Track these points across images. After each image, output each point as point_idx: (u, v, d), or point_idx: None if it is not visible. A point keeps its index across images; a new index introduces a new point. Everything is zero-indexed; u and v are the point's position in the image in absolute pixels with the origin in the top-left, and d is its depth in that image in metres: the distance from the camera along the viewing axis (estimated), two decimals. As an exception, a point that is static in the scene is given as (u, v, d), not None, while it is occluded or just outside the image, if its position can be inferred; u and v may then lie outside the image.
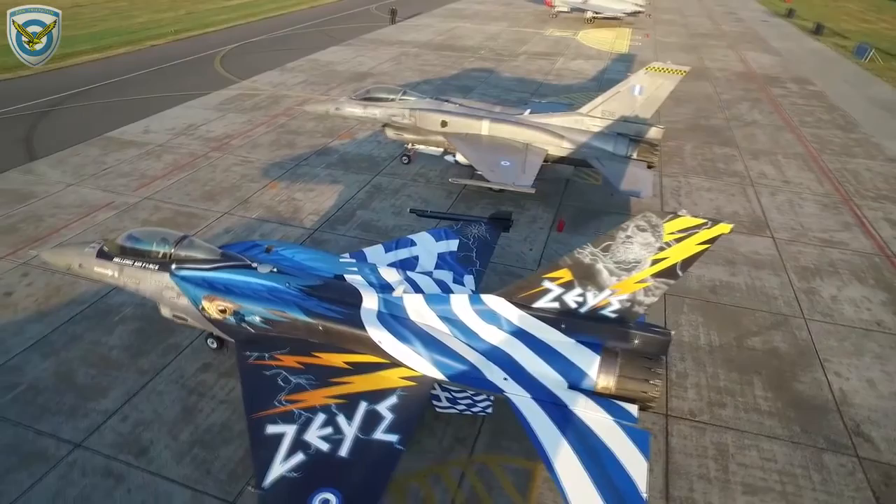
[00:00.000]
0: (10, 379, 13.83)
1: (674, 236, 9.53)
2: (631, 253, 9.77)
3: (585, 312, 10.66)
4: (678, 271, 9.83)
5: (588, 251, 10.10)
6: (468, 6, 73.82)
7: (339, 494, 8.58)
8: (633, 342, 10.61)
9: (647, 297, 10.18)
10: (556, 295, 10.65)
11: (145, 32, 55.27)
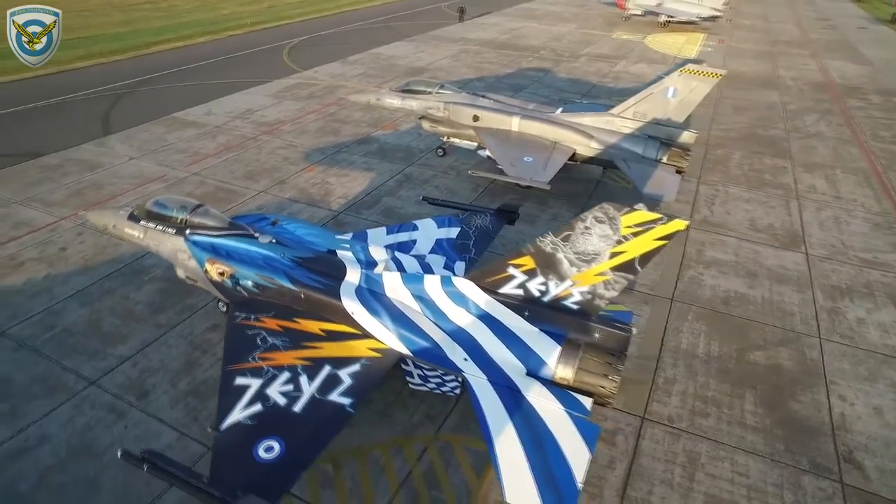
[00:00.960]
0: (50, 321, 15.56)
1: (631, 230, 9.46)
2: (590, 244, 9.79)
3: (548, 302, 10.75)
4: (637, 266, 9.75)
5: (549, 240, 10.20)
6: (540, 7, 73.34)
7: (283, 443, 9.23)
8: (594, 335, 10.60)
9: (607, 291, 10.15)
10: (520, 282, 10.82)
11: (226, 23, 58.96)
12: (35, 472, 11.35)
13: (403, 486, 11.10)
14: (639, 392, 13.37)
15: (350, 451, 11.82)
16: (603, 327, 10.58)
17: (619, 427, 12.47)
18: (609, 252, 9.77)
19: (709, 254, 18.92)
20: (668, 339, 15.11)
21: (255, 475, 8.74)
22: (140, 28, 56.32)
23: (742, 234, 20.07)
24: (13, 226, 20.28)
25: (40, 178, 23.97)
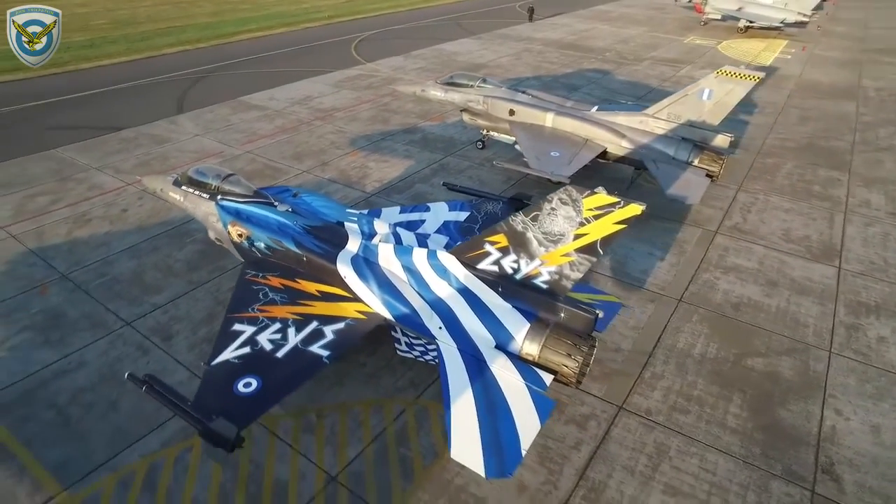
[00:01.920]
0: (103, 270, 17.64)
1: (592, 213, 9.82)
2: (556, 225, 10.22)
3: (520, 280, 11.23)
4: (598, 249, 10.09)
5: (520, 219, 10.70)
6: (615, 9, 72.01)
7: (261, 380, 10.33)
8: (560, 315, 10.98)
9: (572, 272, 10.53)
10: (495, 259, 11.38)
11: (305, 16, 62.17)
12: (71, 390, 13.14)
13: (376, 441, 11.95)
14: (623, 383, 13.51)
15: (335, 405, 12.82)
16: (569, 308, 10.95)
17: (595, 413, 12.71)
18: (573, 233, 10.16)
19: (731, 260, 18.48)
20: (665, 337, 15.06)
21: (231, 404, 9.86)
22: (226, 19, 60.48)
23: (772, 244, 19.41)
24: (88, 188, 22.90)
25: (117, 148, 26.77)
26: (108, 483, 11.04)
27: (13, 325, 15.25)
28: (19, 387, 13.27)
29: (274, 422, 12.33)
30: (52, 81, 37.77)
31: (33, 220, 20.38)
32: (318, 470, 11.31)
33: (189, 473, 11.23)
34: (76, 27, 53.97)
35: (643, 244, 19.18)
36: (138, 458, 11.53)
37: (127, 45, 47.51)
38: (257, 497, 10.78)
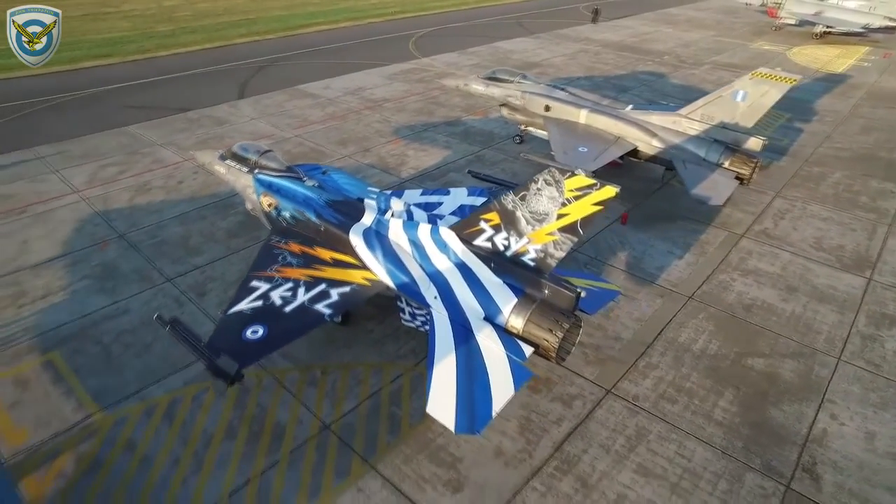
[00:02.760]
0: (156, 232, 19.57)
1: (573, 194, 10.35)
2: (541, 205, 10.81)
3: (510, 256, 11.88)
4: (579, 229, 10.61)
5: (510, 198, 11.35)
6: (684, 13, 70.07)
7: (266, 329, 11.50)
8: (544, 292, 11.54)
9: (556, 251, 11.09)
10: (488, 236, 12.08)
11: (371, 11, 64.24)
12: (115, 331, 14.89)
13: (371, 398, 12.93)
14: (616, 369, 13.87)
15: (339, 364, 13.91)
16: (553, 285, 11.49)
17: (582, 393, 13.17)
18: (556, 213, 10.71)
19: (752, 263, 18.26)
20: (667, 330, 15.23)
21: (237, 347, 11.07)
22: (297, 13, 63.41)
23: (800, 250, 18.97)
24: (152, 161, 25.21)
25: (181, 127, 29.16)
26: (135, 410, 12.57)
27: (76, 274, 17.30)
28: (75, 324, 15.15)
29: (283, 374, 13.56)
30: (135, 67, 41.23)
31: (102, 187, 22.74)
32: (314, 418, 12.41)
33: (203, 409, 12.60)
34: (162, 19, 58.30)
35: (664, 242, 19.25)
36: (162, 393, 13.02)
37: (203, 34, 50.96)
38: (258, 434, 11.99)
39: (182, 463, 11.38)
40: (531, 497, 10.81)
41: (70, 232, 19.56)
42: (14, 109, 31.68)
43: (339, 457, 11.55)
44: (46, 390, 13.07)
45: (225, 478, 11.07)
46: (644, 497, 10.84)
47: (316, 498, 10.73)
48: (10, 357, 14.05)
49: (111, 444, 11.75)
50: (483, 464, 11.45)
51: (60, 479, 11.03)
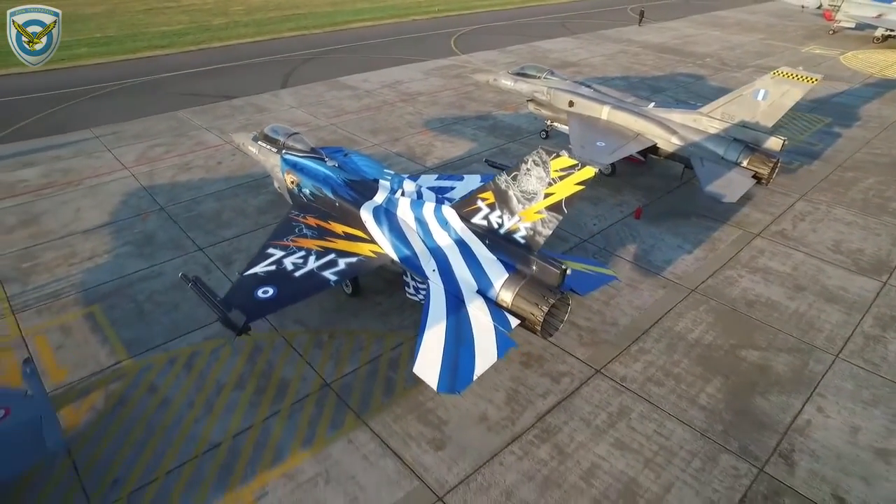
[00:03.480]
0: (192, 207, 21.13)
1: (558, 174, 10.96)
2: (530, 184, 11.46)
3: (504, 234, 12.57)
4: (563, 208, 11.20)
5: (504, 179, 12.04)
6: (734, 15, 68.35)
7: (276, 290, 12.60)
8: (533, 268, 12.18)
9: (544, 228, 11.72)
10: (484, 214, 12.81)
11: (417, 9, 65.55)
12: (148, 291, 16.36)
13: (371, 363, 13.85)
14: (608, 352, 14.34)
15: (346, 330, 14.91)
16: (541, 262, 12.11)
17: (571, 372, 13.71)
18: (543, 193, 11.34)
19: (762, 261, 18.26)
20: (665, 319, 15.55)
21: (248, 303, 12.20)
22: (344, 9, 65.38)
23: (815, 252, 18.82)
24: (196, 143, 27.00)
25: (225, 113, 30.97)
26: (159, 359, 13.91)
27: (119, 240, 18.97)
28: (115, 283, 16.72)
29: (293, 336, 14.66)
30: (189, 57, 43.72)
31: (149, 165, 24.60)
32: (317, 376, 13.43)
33: (218, 362, 13.82)
34: (217, 13, 61.24)
35: (675, 237, 19.45)
36: (185, 346, 14.33)
37: (254, 28, 53.36)
38: (265, 387, 13.10)
39: (195, 406, 12.59)
40: (508, 460, 11.48)
41: (117, 203, 21.36)
42: (78, 94, 34.32)
43: (335, 412, 12.52)
44: (86, 338, 14.59)
45: (231, 421, 12.20)
46: (616, 468, 11.35)
47: (310, 445, 11.72)
48: (59, 308, 15.69)
49: (136, 387, 13.10)
50: (467, 427, 12.19)
51: (91, 413, 12.42)
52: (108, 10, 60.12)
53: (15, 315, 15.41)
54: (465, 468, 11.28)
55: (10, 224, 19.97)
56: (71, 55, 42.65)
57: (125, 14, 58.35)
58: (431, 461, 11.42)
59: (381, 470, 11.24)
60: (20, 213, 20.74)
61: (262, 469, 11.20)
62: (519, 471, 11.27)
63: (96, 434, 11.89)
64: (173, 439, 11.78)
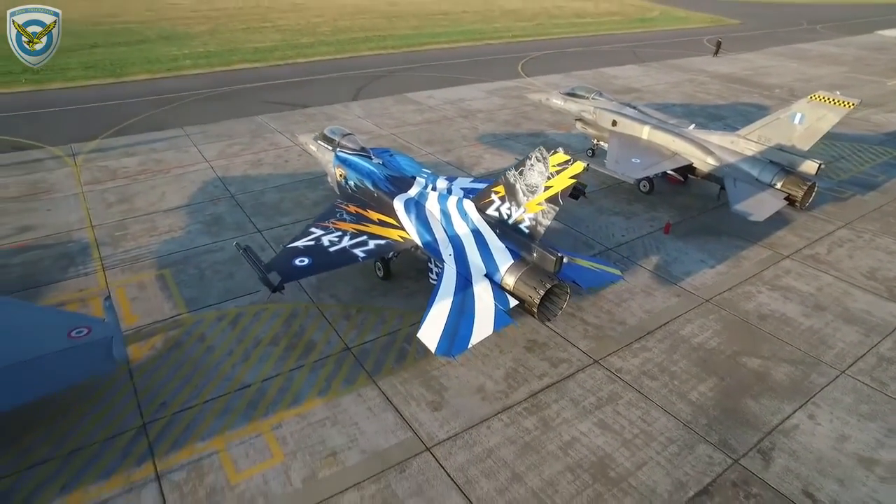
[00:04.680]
0: (257, 196, 23.85)
1: (556, 168, 12.24)
2: (533, 178, 12.79)
3: (511, 224, 13.92)
4: (559, 199, 12.42)
5: (512, 174, 13.44)
6: (820, 48, 66.08)
7: (311, 260, 14.55)
8: (534, 255, 13.42)
9: (544, 219, 12.97)
10: (496, 206, 14.22)
11: (492, 34, 68.12)
12: (210, 262, 18.87)
13: (389, 335, 15.46)
14: (610, 346, 15.20)
15: (373, 307, 16.63)
16: (541, 250, 13.33)
17: (570, 359, 14.70)
18: (544, 186, 12.61)
19: (786, 281, 18.39)
20: (672, 323, 16.18)
21: (286, 268, 14.20)
22: (424, 32, 68.97)
23: (846, 276, 18.68)
24: (269, 144, 30.13)
25: (299, 120, 34.16)
26: (211, 315, 16.19)
27: (193, 219, 21.84)
28: (184, 253, 19.39)
29: (326, 308, 16.55)
30: (275, 70, 48.12)
31: (226, 160, 27.81)
32: (340, 341, 15.18)
33: (259, 322, 15.90)
34: (307, 33, 66.46)
35: (700, 253, 19.91)
36: (233, 307, 16.55)
37: (337, 46, 57.66)
38: (295, 345, 14.99)
39: (234, 355, 14.66)
40: (495, 425, 12.66)
41: (195, 190, 24.45)
42: (178, 99, 38.88)
43: (351, 371, 14.18)
44: (156, 293, 17.17)
45: (262, 369, 14.15)
46: (594, 443, 12.25)
47: (324, 394, 13.42)
48: (138, 269, 18.47)
49: (189, 335, 15.38)
50: (464, 395, 13.48)
51: (152, 351, 14.77)
52: (212, 28, 66.79)
53: (105, 271, 18.31)
54: (455, 427, 12.57)
55: (110, 201, 23.41)
56: (176, 66, 48.18)
57: (226, 32, 64.65)
58: (427, 418, 12.80)
59: (382, 420, 12.74)
60: (118, 193, 24.22)
61: (281, 408, 13.00)
62: (503, 435, 12.41)
63: (153, 367, 14.18)
64: (213, 378, 13.85)
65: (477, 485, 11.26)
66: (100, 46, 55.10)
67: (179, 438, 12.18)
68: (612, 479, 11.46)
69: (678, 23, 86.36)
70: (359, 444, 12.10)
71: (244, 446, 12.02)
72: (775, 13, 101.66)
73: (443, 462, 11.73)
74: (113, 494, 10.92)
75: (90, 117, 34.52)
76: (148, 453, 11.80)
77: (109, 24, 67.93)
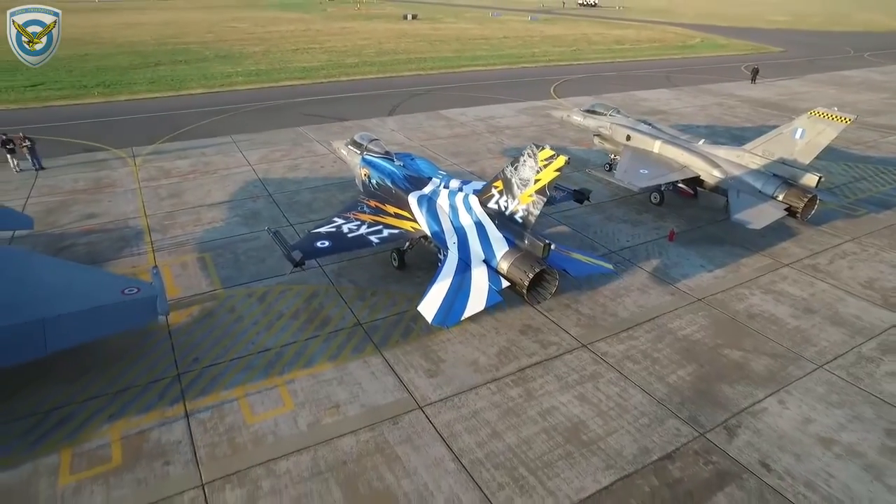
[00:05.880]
0: (292, 196, 26.17)
1: (543, 163, 13.76)
2: (525, 173, 14.35)
3: (508, 215, 15.46)
4: (547, 191, 13.91)
5: (509, 170, 15.02)
6: (863, 75, 65.39)
7: (331, 243, 16.46)
8: (525, 242, 14.90)
9: (534, 209, 14.48)
10: (496, 199, 15.81)
11: (528, 58, 70.36)
12: (245, 248, 21.06)
13: (398, 315, 17.09)
14: (598, 333, 16.39)
15: (386, 291, 18.35)
16: (532, 238, 14.80)
17: (560, 343, 15.96)
18: (534, 179, 14.14)
19: (781, 286, 19.13)
20: (662, 318, 17.22)
21: (308, 248, 16.14)
22: (465, 55, 71.79)
23: (842, 285, 19.28)
24: (306, 151, 32.70)
25: (336, 131, 36.71)
26: (241, 292, 18.23)
27: (234, 213, 24.22)
28: (223, 241, 21.66)
29: (344, 290, 18.36)
30: (319, 87, 51.43)
31: (267, 164, 30.40)
32: (353, 318, 16.91)
33: (283, 299, 17.82)
34: (352, 54, 70.25)
35: (701, 258, 20.85)
36: (261, 287, 18.56)
37: (379, 67, 60.90)
38: (313, 319, 16.80)
39: (259, 324, 16.57)
40: (483, 392, 14.05)
41: (237, 188, 26.97)
42: (227, 111, 42.28)
43: (360, 342, 15.86)
44: (197, 272, 19.38)
45: (281, 337, 15.99)
46: (571, 412, 13.47)
47: (334, 360, 15.12)
48: (182, 252, 20.80)
49: (222, 307, 17.43)
50: (459, 366, 14.93)
51: (189, 317, 16.86)
52: (265, 49, 71.46)
53: (154, 253, 20.72)
54: (447, 392, 14.02)
55: (162, 195, 26.14)
56: (230, 82, 52.11)
57: (277, 53, 69.08)
58: (422, 383, 14.31)
59: (382, 382, 14.33)
60: (171, 188, 26.97)
61: (295, 369, 14.76)
62: (489, 401, 13.79)
63: (189, 330, 16.23)
64: (239, 342, 15.77)
65: (459, 438, 12.65)
66: (163, 64, 59.97)
67: (207, 387, 14.07)
68: (584, 441, 12.66)
69: (718, 50, 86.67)
70: (360, 400, 13.70)
71: (261, 396, 13.80)
72: (822, 41, 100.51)
73: (432, 418, 13.19)
74: (150, 426, 12.83)
75: (150, 125, 38.09)
76: (180, 396, 13.71)
77: (173, 44, 73.58)
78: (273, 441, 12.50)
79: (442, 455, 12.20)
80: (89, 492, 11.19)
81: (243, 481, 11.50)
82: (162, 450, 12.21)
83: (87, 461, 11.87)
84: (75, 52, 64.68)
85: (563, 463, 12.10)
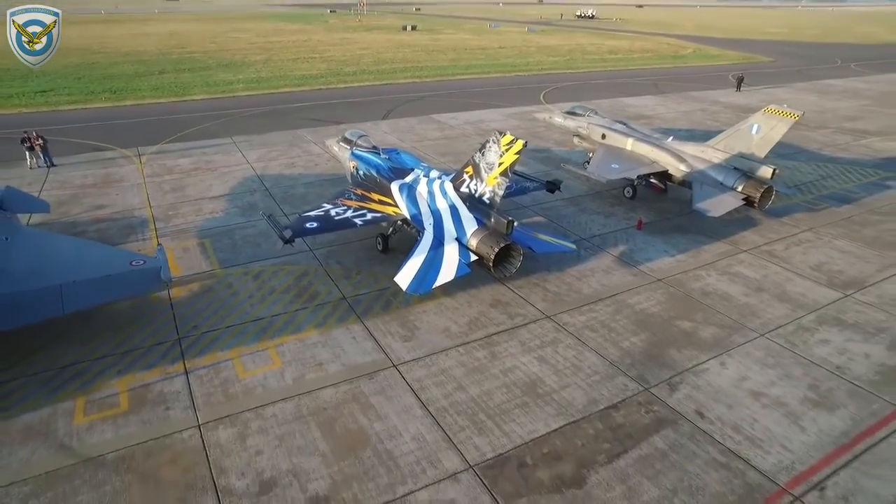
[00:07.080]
0: (287, 190, 27.89)
1: (505, 147, 15.42)
2: (490, 157, 16.03)
3: (477, 197, 17.11)
4: (509, 173, 15.57)
5: (478, 155, 16.69)
6: (847, 83, 67.16)
7: (318, 223, 18.13)
8: (491, 220, 16.54)
9: (499, 190, 16.14)
10: (467, 184, 17.47)
11: (522, 67, 72.41)
12: (242, 235, 22.73)
13: (379, 291, 18.65)
14: (562, 307, 17.96)
15: (370, 271, 19.94)
16: (497, 216, 16.44)
17: (526, 314, 17.51)
18: (497, 163, 15.80)
19: (736, 269, 20.68)
20: (622, 294, 18.78)
21: (298, 227, 17.84)
22: (460, 64, 73.88)
23: (793, 268, 20.82)
24: (303, 151, 34.50)
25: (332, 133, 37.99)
26: (238, 272, 19.85)
27: (232, 204, 25.92)
28: (222, 228, 23.33)
29: (332, 270, 19.97)
30: (317, 93, 53.42)
31: (265, 162, 32.17)
32: (339, 293, 18.51)
33: (275, 277, 19.44)
34: (350, 63, 72.38)
35: (665, 245, 22.45)
36: (256, 266, 20.19)
37: (376, 75, 62.96)
38: (302, 294, 18.40)
39: (253, 298, 18.18)
40: (452, 354, 15.60)
41: (236, 183, 28.70)
42: (228, 115, 44.17)
43: (344, 313, 17.44)
44: (197, 255, 21.03)
45: (273, 308, 17.58)
46: (531, 370, 15.01)
47: (320, 328, 16.69)
48: (184, 237, 22.47)
49: (220, 284, 19.04)
50: (431, 333, 16.48)
51: (190, 293, 18.48)
52: (266, 58, 73.68)
53: (158, 238, 22.38)
54: (419, 353, 15.58)
55: (166, 189, 27.88)
56: (231, 89, 54.12)
57: (278, 62, 71.27)
58: (398, 346, 15.87)
59: (361, 346, 15.90)
60: (174, 183, 28.71)
61: (285, 335, 16.34)
62: (457, 361, 15.34)
63: (190, 303, 17.84)
64: (234, 312, 17.37)
65: (428, 391, 14.19)
66: (167, 72, 62.10)
67: (204, 349, 15.65)
68: (539, 394, 14.19)
69: (709, 60, 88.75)
70: (340, 360, 15.27)
71: (252, 356, 15.38)
72: (814, 52, 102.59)
73: (404, 375, 14.74)
74: (154, 380, 14.40)
75: (155, 127, 39.98)
76: (180, 356, 15.29)
77: (178, 54, 75.89)
78: (262, 392, 14.06)
79: (411, 403, 13.74)
80: (100, 430, 12.74)
81: (235, 423, 13.05)
82: (164, 398, 13.78)
83: (98, 406, 13.43)
84: (84, 61, 66.96)
85: (519, 411, 13.61)
